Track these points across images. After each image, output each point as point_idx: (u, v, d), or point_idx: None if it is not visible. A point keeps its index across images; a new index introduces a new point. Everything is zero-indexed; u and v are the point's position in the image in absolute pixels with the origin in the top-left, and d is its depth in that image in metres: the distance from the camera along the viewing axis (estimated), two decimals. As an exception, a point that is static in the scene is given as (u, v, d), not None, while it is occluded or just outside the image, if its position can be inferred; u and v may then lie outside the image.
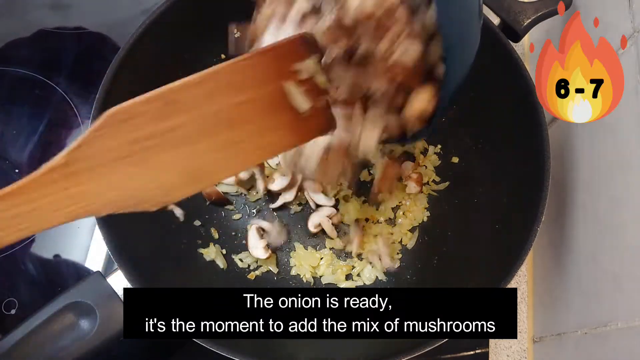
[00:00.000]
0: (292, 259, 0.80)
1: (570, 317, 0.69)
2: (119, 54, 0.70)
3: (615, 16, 0.63)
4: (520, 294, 0.81)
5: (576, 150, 0.72)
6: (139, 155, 0.42)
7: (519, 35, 0.74)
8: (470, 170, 0.79)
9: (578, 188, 0.71)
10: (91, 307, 0.61)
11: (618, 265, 0.60)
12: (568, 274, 0.71)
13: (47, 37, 0.93)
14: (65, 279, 0.80)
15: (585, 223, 0.69)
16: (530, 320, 0.80)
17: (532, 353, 0.78)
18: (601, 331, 0.62)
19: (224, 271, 0.78)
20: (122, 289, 0.62)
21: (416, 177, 0.78)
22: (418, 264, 0.78)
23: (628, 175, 0.59)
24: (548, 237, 0.77)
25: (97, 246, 0.81)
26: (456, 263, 0.74)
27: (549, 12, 0.74)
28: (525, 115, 0.68)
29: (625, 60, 0.59)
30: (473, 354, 0.77)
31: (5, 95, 0.90)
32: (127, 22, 0.92)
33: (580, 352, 0.66)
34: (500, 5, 0.74)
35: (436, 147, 0.83)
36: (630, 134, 0.59)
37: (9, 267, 0.80)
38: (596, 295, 0.64)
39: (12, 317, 0.77)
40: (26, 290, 0.79)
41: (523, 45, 0.93)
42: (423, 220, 0.80)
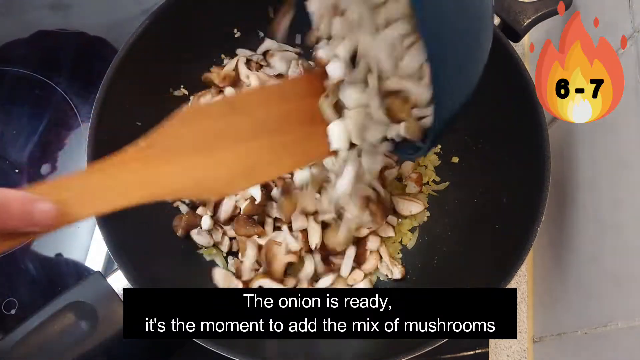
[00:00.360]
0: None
1: (570, 317, 0.69)
2: (119, 54, 0.70)
3: (615, 16, 0.63)
4: (520, 294, 0.81)
5: (576, 150, 0.72)
6: (206, 147, 0.49)
7: (519, 35, 0.74)
8: (470, 170, 0.79)
9: (578, 188, 0.71)
10: (91, 307, 0.61)
11: (618, 265, 0.60)
12: (568, 274, 0.71)
13: (47, 37, 0.93)
14: (66, 278, 0.80)
15: (586, 223, 0.69)
16: (530, 320, 0.80)
17: (532, 353, 0.78)
18: (601, 331, 0.62)
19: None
20: (122, 289, 0.62)
21: (416, 177, 0.78)
22: (418, 264, 0.78)
23: (628, 175, 0.59)
24: (548, 237, 0.77)
25: (97, 246, 0.81)
26: (456, 263, 0.74)
27: (549, 12, 0.74)
28: (525, 115, 0.68)
29: (625, 60, 0.59)
30: (473, 354, 0.77)
31: (5, 95, 0.90)
32: (127, 22, 0.92)
33: (580, 352, 0.66)
34: (500, 5, 0.74)
35: (436, 147, 0.83)
36: (630, 134, 0.59)
37: (9, 267, 0.80)
38: (596, 295, 0.64)
39: (12, 317, 0.77)
40: (26, 290, 0.79)
41: (523, 45, 0.93)
42: (423, 220, 0.80)
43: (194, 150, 0.49)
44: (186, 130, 0.49)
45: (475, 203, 0.76)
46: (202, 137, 0.50)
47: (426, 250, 0.79)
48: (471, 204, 0.77)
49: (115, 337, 0.61)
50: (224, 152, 0.50)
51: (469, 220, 0.77)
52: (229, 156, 0.50)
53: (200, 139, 0.49)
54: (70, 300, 0.61)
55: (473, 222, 0.76)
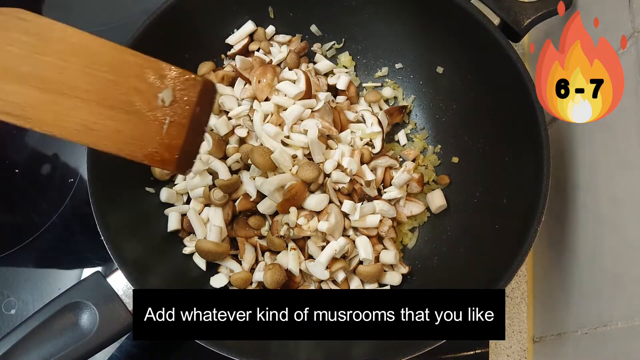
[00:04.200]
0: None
1: (570, 317, 0.69)
2: (119, 54, 0.70)
3: (615, 16, 0.63)
4: (520, 294, 0.81)
5: (576, 150, 0.72)
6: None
7: (519, 35, 0.74)
8: (470, 170, 0.79)
9: (578, 188, 0.71)
10: (91, 307, 0.61)
11: (618, 265, 0.60)
12: (568, 274, 0.71)
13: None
14: (65, 279, 0.80)
15: (585, 223, 0.69)
16: (530, 320, 0.80)
17: (532, 353, 0.78)
18: (601, 331, 0.62)
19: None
20: (132, 291, 0.62)
21: (417, 177, 0.78)
22: (418, 264, 0.78)
23: (628, 175, 0.59)
24: (548, 237, 0.77)
25: (97, 246, 0.81)
26: (456, 263, 0.74)
27: (549, 12, 0.74)
28: (525, 115, 0.68)
29: (625, 60, 0.59)
30: (473, 354, 0.77)
31: (5, 95, 0.90)
32: (127, 22, 0.92)
33: (580, 352, 0.66)
34: (500, 5, 0.74)
35: (436, 147, 0.83)
36: (630, 134, 0.59)
37: (9, 267, 0.81)
38: (596, 295, 0.64)
39: (12, 317, 0.77)
40: (26, 290, 0.79)
41: (523, 45, 0.93)
42: (423, 221, 0.80)
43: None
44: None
45: (475, 203, 0.76)
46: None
47: (426, 250, 0.79)
48: (471, 204, 0.77)
49: (115, 337, 0.61)
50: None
51: (469, 220, 0.76)
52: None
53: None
54: (70, 300, 0.61)
55: (473, 222, 0.76)
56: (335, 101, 0.82)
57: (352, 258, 0.74)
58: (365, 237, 0.73)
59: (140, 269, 0.65)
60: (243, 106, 0.79)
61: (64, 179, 0.85)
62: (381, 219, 0.74)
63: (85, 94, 0.49)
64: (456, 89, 0.80)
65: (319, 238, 0.72)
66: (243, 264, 0.74)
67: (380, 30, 0.83)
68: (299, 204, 0.71)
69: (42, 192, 0.85)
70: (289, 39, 0.85)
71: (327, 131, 0.75)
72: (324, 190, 0.73)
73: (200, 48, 0.82)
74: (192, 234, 0.76)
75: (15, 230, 0.83)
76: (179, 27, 0.77)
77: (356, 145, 0.79)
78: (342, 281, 0.72)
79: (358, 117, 0.81)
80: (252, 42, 0.84)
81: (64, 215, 0.83)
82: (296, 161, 0.72)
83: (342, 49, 0.87)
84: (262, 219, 0.75)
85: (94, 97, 0.49)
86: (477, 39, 0.73)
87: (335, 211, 0.71)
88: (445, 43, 0.79)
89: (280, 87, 0.78)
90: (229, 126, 0.77)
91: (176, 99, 0.52)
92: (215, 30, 0.83)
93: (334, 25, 0.85)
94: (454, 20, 0.75)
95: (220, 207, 0.75)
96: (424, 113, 0.85)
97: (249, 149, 0.73)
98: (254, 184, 0.72)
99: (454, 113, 0.81)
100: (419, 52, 0.83)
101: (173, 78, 0.52)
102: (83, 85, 0.49)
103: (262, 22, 0.84)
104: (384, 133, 0.80)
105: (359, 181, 0.74)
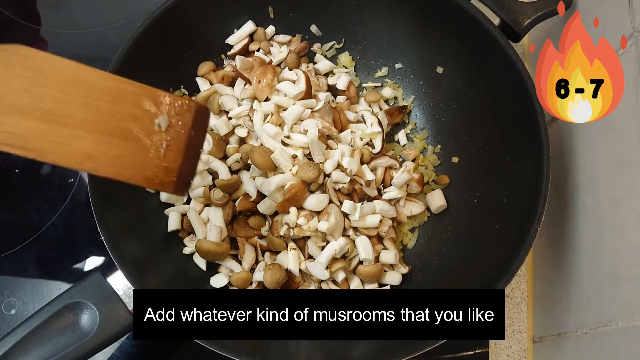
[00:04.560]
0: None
1: (570, 317, 0.69)
2: (119, 53, 0.70)
3: (615, 16, 0.63)
4: (520, 294, 0.81)
5: (576, 150, 0.72)
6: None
7: (519, 35, 0.74)
8: (470, 170, 0.79)
9: (578, 188, 0.71)
10: (91, 307, 0.61)
11: (618, 265, 0.60)
12: (568, 274, 0.71)
13: (47, 37, 0.93)
14: (65, 279, 0.80)
15: (586, 223, 0.69)
16: (530, 320, 0.80)
17: (532, 353, 0.78)
18: (601, 331, 0.62)
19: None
20: (132, 291, 0.62)
21: (417, 177, 0.78)
22: (418, 264, 0.78)
23: (628, 175, 0.59)
24: (548, 237, 0.77)
25: (97, 246, 0.81)
26: (456, 263, 0.74)
27: (549, 12, 0.74)
28: (525, 115, 0.68)
29: (625, 60, 0.59)
30: (473, 354, 0.77)
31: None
32: (127, 22, 0.92)
33: (580, 352, 0.66)
34: (500, 5, 0.74)
35: (436, 147, 0.83)
36: (630, 134, 0.59)
37: (9, 267, 0.81)
38: (596, 295, 0.64)
39: (12, 317, 0.77)
40: (26, 290, 0.79)
41: (523, 45, 0.93)
42: (423, 221, 0.80)
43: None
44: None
45: (475, 203, 0.76)
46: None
47: (426, 250, 0.79)
48: (471, 204, 0.77)
49: (115, 337, 0.61)
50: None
51: (469, 220, 0.77)
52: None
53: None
54: (70, 300, 0.61)
55: (473, 222, 0.76)
56: (335, 101, 0.82)
57: (352, 258, 0.74)
58: (365, 237, 0.74)
59: (140, 269, 0.65)
60: (243, 106, 0.79)
61: (64, 179, 0.85)
62: (381, 219, 0.75)
63: (85, 122, 0.50)
64: (456, 89, 0.80)
65: (319, 238, 0.72)
66: (243, 264, 0.74)
67: (380, 30, 0.83)
68: (299, 204, 0.71)
69: (42, 192, 0.85)
70: (289, 39, 0.85)
71: (327, 131, 0.75)
72: (324, 190, 0.73)
73: (201, 48, 0.82)
74: (192, 234, 0.76)
75: (15, 230, 0.83)
76: (179, 27, 0.77)
77: (356, 145, 0.79)
78: (342, 281, 0.72)
79: (358, 117, 0.81)
80: (252, 42, 0.84)
81: (64, 215, 0.83)
82: (296, 161, 0.72)
83: (342, 49, 0.87)
84: (262, 219, 0.75)
85: (93, 126, 0.50)
86: (477, 39, 0.73)
87: (335, 211, 0.72)
88: (445, 43, 0.79)
89: (280, 87, 0.78)
90: (229, 126, 0.77)
91: (172, 123, 0.53)
92: (215, 30, 0.83)
93: (334, 25, 0.85)
94: (454, 20, 0.75)
95: (220, 207, 0.75)
96: (424, 113, 0.85)
97: (249, 149, 0.73)
98: (254, 184, 0.73)
99: (454, 113, 0.81)
100: (419, 52, 0.83)
101: (168, 104, 0.54)
102: (82, 114, 0.50)
103: (262, 22, 0.84)
104: (384, 133, 0.80)
105: (359, 181, 0.74)
